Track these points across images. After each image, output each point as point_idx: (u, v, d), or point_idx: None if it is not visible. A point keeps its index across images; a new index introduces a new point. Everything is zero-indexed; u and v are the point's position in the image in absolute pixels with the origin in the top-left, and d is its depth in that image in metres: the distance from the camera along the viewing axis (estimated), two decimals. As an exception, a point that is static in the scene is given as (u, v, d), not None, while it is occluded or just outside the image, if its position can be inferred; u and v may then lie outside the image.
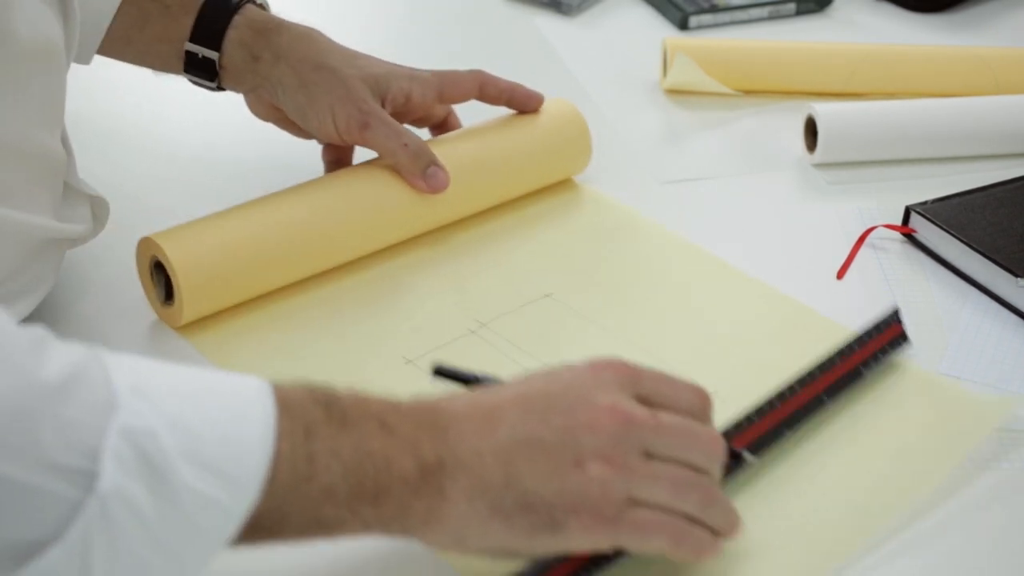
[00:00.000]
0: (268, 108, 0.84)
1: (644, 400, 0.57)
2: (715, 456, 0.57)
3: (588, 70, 1.10)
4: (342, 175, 0.81)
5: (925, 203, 0.86)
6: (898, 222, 0.87)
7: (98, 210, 0.75)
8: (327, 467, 0.50)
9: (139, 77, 0.87)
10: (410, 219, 0.81)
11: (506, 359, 0.73)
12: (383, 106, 0.80)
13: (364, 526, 0.52)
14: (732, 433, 0.63)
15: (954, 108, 0.96)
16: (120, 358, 0.49)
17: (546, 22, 1.19)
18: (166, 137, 0.94)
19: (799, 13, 1.21)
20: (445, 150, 0.82)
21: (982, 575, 0.62)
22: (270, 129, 0.87)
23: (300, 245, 0.77)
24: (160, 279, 0.74)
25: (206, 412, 0.48)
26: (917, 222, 0.86)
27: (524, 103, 0.87)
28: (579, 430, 0.54)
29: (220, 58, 0.80)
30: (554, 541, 0.54)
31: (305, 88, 0.79)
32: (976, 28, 1.20)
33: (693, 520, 0.56)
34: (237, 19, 0.80)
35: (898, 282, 0.82)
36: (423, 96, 0.82)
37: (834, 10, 1.22)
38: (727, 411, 0.64)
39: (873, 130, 0.95)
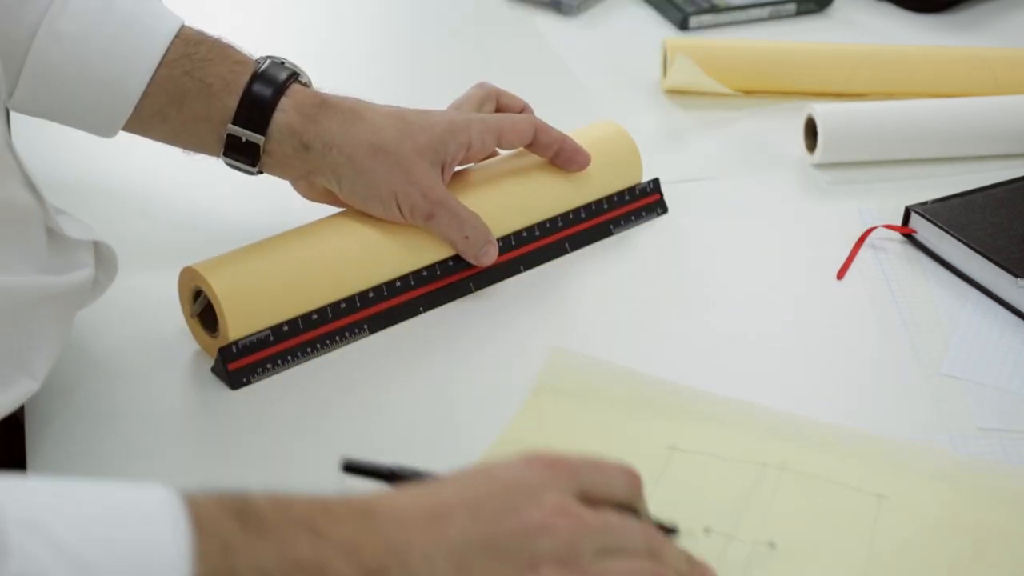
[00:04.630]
0: (321, 193, 0.79)
1: (585, 495, 0.55)
2: (659, 544, 0.56)
3: (588, 70, 1.10)
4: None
5: (925, 203, 0.86)
6: (898, 222, 0.87)
7: (103, 255, 0.70)
8: None
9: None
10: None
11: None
12: (444, 170, 0.77)
13: None
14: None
15: (954, 108, 0.96)
16: (12, 484, 0.45)
17: (546, 22, 1.19)
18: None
19: (799, 13, 1.21)
20: (499, 187, 0.82)
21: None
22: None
23: (344, 273, 0.75)
24: (200, 308, 0.73)
25: (112, 541, 0.44)
26: (917, 222, 0.86)
27: (571, 157, 0.83)
28: (532, 533, 0.52)
29: (265, 143, 0.74)
30: None
31: (363, 176, 0.75)
32: (976, 28, 1.19)
33: None
34: (284, 102, 0.74)
35: (898, 282, 0.82)
36: (482, 144, 0.79)
37: (834, 10, 1.22)
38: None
39: (873, 130, 0.94)
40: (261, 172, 0.77)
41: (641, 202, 0.88)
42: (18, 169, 0.63)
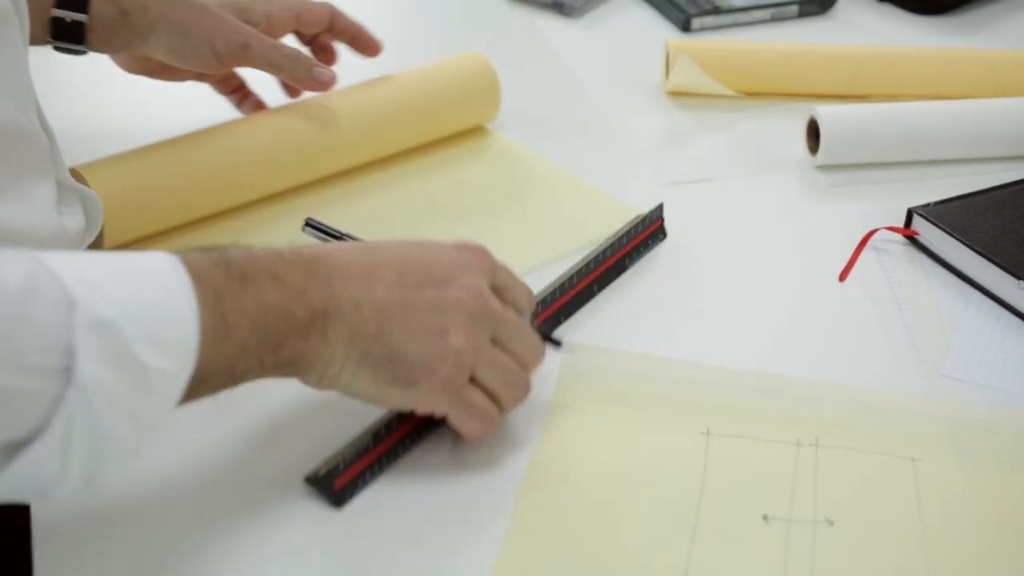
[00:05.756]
0: (139, 61, 0.87)
1: (495, 289, 0.65)
2: (538, 356, 0.67)
3: (590, 72, 1.10)
4: (256, 117, 0.88)
5: (927, 205, 0.86)
6: (900, 224, 0.87)
7: (90, 209, 0.73)
8: (238, 325, 0.56)
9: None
10: (322, 157, 0.88)
11: None
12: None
13: (263, 372, 0.59)
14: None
15: (956, 110, 0.96)
16: (53, 255, 0.52)
17: (548, 24, 1.19)
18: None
19: (801, 15, 1.21)
20: (354, 94, 0.90)
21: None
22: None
23: (216, 178, 0.84)
24: None
25: (142, 295, 0.53)
26: (919, 224, 0.86)
27: (365, 44, 0.93)
28: (448, 304, 0.62)
29: (88, 20, 0.80)
30: (404, 396, 0.62)
31: (177, 28, 0.82)
32: (978, 30, 1.20)
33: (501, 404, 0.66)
34: None
35: (900, 284, 0.82)
36: (283, 18, 0.88)
37: (836, 12, 1.22)
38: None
39: (875, 132, 0.94)
40: (86, 52, 0.82)
41: (648, 231, 0.85)
42: (35, 103, 0.66)
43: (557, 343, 0.70)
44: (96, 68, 0.87)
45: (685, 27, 1.17)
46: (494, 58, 1.13)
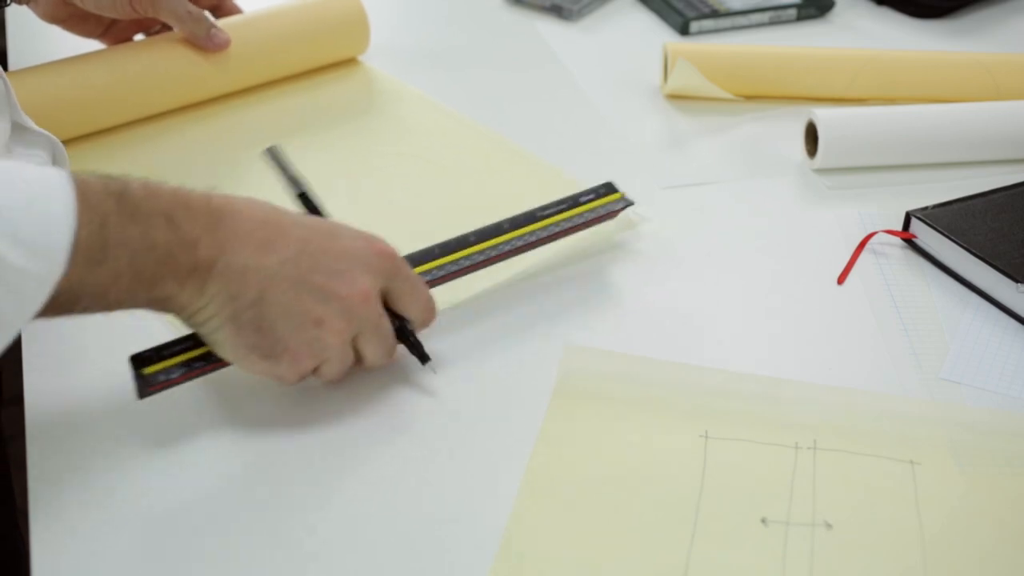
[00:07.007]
0: (59, 7, 0.93)
1: (388, 293, 0.68)
2: (383, 364, 0.69)
3: (589, 75, 1.10)
4: (145, 43, 0.96)
5: (925, 208, 0.86)
6: (898, 227, 0.87)
7: (57, 153, 0.76)
8: (116, 256, 0.58)
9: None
10: (204, 82, 0.98)
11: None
12: None
13: (134, 305, 0.61)
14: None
15: (955, 113, 0.96)
16: None
17: (547, 27, 1.19)
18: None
19: (800, 18, 1.21)
20: (234, 27, 0.99)
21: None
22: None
23: (111, 95, 0.93)
24: None
25: (20, 198, 0.55)
26: (917, 227, 0.86)
27: (230, 11, 1.02)
28: (333, 298, 0.64)
29: None
30: (259, 365, 0.65)
31: None
32: (977, 34, 1.20)
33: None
34: None
35: (898, 288, 0.82)
36: None
37: (835, 15, 1.22)
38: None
39: (874, 135, 0.95)
40: (8, 3, 0.89)
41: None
42: None
43: (425, 359, 0.71)
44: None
45: (683, 30, 1.17)
46: (493, 61, 1.13)
